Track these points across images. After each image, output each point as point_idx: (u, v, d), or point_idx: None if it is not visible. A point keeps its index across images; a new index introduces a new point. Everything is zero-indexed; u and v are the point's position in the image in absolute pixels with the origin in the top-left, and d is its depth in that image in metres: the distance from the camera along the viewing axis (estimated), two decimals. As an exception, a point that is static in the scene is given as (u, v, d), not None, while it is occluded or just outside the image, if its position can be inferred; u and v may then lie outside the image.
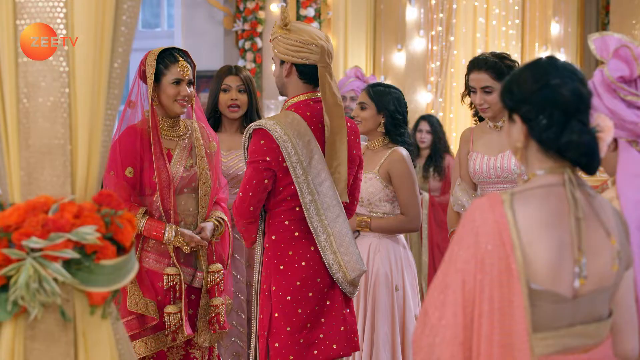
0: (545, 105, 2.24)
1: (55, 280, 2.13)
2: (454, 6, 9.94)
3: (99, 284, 2.18)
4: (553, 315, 2.23)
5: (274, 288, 3.77)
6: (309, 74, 3.78)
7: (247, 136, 3.80)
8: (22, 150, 2.17)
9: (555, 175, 2.28)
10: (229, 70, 4.89)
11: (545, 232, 2.22)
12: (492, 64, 4.17)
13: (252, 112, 4.86)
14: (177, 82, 4.10)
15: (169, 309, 4.04)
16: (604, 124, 2.33)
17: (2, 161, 2.20)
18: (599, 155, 2.28)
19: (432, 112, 9.49)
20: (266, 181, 3.71)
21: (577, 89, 2.25)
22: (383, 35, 9.42)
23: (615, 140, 2.73)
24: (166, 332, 4.05)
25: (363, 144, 4.74)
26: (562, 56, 11.78)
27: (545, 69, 2.29)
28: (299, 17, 8.85)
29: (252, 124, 3.80)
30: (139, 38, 11.09)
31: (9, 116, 2.17)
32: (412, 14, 9.46)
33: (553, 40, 11.73)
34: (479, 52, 9.94)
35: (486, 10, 10.62)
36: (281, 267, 3.76)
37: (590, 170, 2.29)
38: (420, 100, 9.53)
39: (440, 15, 9.86)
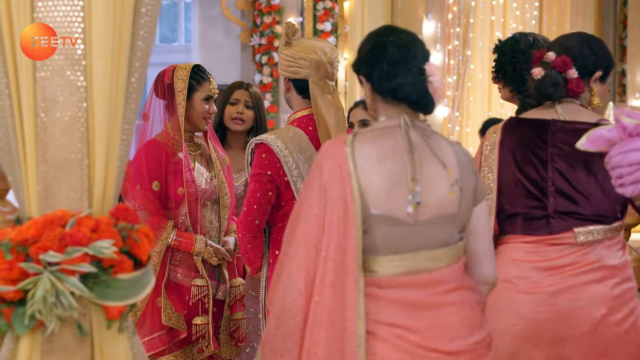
0: (376, 60, 2.64)
1: (72, 294, 2.13)
2: (471, 20, 9.95)
3: (115, 298, 2.18)
4: (395, 238, 2.56)
5: None
6: (304, 88, 3.80)
7: (250, 151, 3.82)
8: (39, 165, 2.18)
9: (393, 119, 2.65)
10: (240, 84, 4.88)
11: (379, 164, 2.57)
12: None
13: (257, 130, 4.82)
14: (207, 99, 4.14)
15: (197, 320, 4.08)
16: (431, 69, 2.66)
17: (19, 175, 2.21)
18: (431, 96, 2.63)
19: (449, 126, 9.48)
20: (270, 193, 3.72)
21: (402, 41, 2.64)
22: (400, 50, 9.40)
23: None
24: (194, 344, 4.08)
25: None
26: (579, 70, 11.73)
27: (376, 31, 2.73)
28: (315, 32, 8.87)
29: (254, 138, 3.82)
30: (156, 52, 11.13)
31: (27, 131, 2.18)
32: (429, 28, 9.46)
33: (570, 54, 11.70)
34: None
35: (503, 25, 10.62)
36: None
37: (425, 108, 2.66)
38: (437, 115, 9.52)
39: (457, 29, 9.86)
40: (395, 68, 2.62)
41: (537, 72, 3.33)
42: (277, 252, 3.80)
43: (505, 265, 3.25)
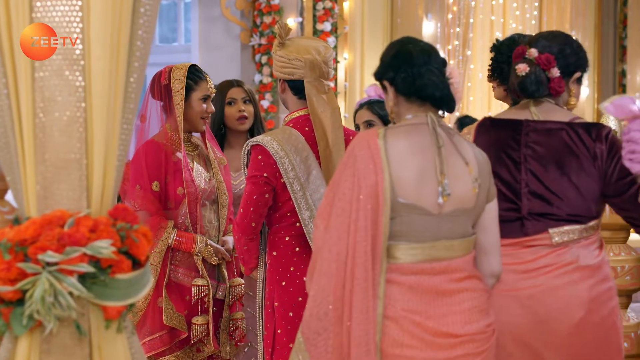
0: (400, 64, 2.84)
1: (71, 294, 2.13)
2: (471, 20, 9.95)
3: (114, 298, 2.18)
4: (419, 227, 2.77)
5: (276, 304, 3.76)
6: (299, 89, 3.79)
7: (246, 152, 3.81)
8: (38, 165, 2.17)
9: (420, 117, 2.85)
10: (231, 83, 4.81)
11: (409, 157, 2.78)
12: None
13: (257, 125, 4.81)
14: (205, 99, 4.14)
15: (197, 320, 4.08)
16: (452, 73, 2.89)
17: (18, 175, 2.21)
18: (453, 95, 2.85)
19: (449, 126, 9.47)
20: (267, 196, 3.71)
21: (423, 48, 2.87)
22: (400, 50, 9.41)
23: None
24: (192, 342, 4.08)
25: None
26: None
27: (397, 40, 2.96)
28: (315, 32, 8.87)
29: (250, 140, 3.81)
30: (156, 52, 11.12)
31: (26, 131, 2.18)
32: (429, 28, 9.47)
33: (570, 54, 11.68)
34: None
35: (503, 25, 10.62)
36: (283, 283, 3.75)
37: (447, 106, 2.86)
38: (437, 115, 9.51)
39: (457, 29, 9.87)
40: (419, 70, 2.83)
41: (523, 68, 3.32)
42: (274, 253, 3.79)
43: None
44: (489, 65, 3.71)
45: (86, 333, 2.19)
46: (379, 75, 2.92)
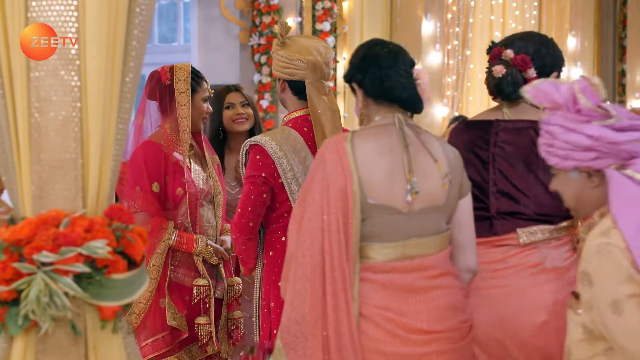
0: (367, 67, 2.89)
1: (66, 294, 2.13)
2: (470, 20, 9.95)
3: (109, 298, 2.18)
4: (390, 226, 2.78)
5: (272, 304, 3.74)
6: (300, 89, 3.78)
7: (244, 152, 3.80)
8: (33, 165, 2.17)
9: (387, 118, 2.88)
10: (228, 88, 4.80)
11: (377, 158, 2.80)
12: None
13: (256, 129, 4.78)
14: (206, 99, 4.15)
15: (200, 320, 4.09)
16: (418, 74, 2.94)
17: (13, 175, 2.21)
18: (419, 96, 2.90)
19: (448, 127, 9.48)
20: (264, 195, 3.69)
21: (390, 50, 2.93)
22: (399, 50, 9.41)
23: (590, 175, 2.60)
24: (200, 344, 4.09)
25: None
26: (578, 70, 11.76)
27: (366, 43, 3.03)
28: (314, 32, 8.87)
29: (248, 139, 3.79)
30: (155, 52, 11.11)
31: (21, 130, 2.18)
32: (428, 28, 9.46)
33: (569, 55, 11.71)
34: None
35: (502, 25, 10.62)
36: (279, 284, 3.74)
37: (414, 107, 2.90)
38: (436, 115, 9.52)
39: (457, 29, 9.86)
40: (386, 72, 2.87)
41: (499, 70, 3.32)
42: (270, 253, 3.78)
43: None
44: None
45: (82, 333, 2.19)
46: (348, 77, 2.96)
